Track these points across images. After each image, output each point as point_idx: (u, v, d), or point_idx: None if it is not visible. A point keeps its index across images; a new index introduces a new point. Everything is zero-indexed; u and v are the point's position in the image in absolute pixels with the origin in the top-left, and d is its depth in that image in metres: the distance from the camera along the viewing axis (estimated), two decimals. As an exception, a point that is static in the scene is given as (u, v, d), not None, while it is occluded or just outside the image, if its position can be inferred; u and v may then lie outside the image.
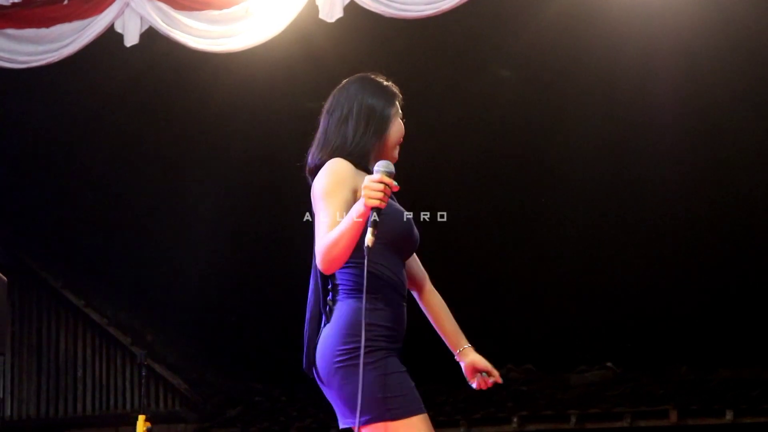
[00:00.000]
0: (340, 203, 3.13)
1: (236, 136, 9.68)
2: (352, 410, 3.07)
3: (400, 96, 3.37)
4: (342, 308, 3.15)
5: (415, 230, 3.27)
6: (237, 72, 8.28)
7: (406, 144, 3.34)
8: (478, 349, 3.48)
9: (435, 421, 10.75)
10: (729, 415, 8.81)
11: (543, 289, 10.26)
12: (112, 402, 11.47)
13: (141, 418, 5.84)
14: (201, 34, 6.45)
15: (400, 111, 3.35)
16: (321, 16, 6.09)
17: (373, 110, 3.27)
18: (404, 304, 3.24)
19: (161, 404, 11.28)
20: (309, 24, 6.26)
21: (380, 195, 2.96)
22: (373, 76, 3.37)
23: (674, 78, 8.69)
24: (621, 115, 9.21)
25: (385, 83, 3.36)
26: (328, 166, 3.19)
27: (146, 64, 8.48)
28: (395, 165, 3.09)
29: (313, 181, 3.24)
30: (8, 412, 11.57)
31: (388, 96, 3.32)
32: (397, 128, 3.31)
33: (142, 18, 6.44)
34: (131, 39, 6.49)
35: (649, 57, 8.52)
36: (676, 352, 9.80)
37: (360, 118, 3.25)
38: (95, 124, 10.30)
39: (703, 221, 9.63)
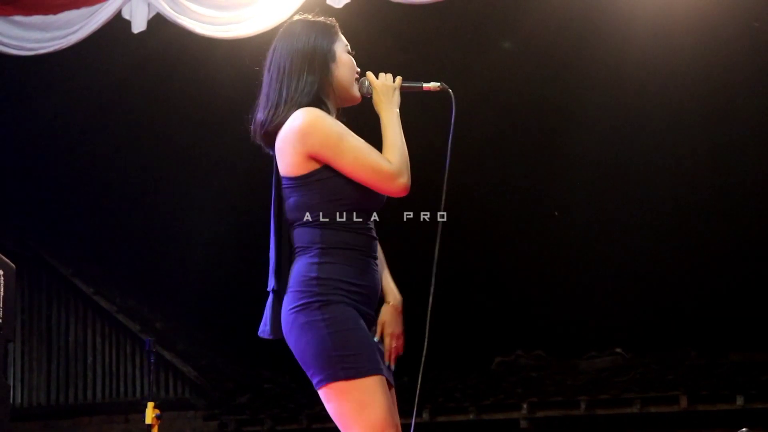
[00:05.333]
0: (351, 132, 3.03)
1: (243, 122, 9.66)
2: (308, 369, 2.95)
3: (336, 27, 3.21)
4: (295, 266, 3.01)
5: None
6: (244, 58, 8.26)
7: (414, 129, 3.27)
8: (489, 335, 3.42)
9: (444, 408, 10.70)
10: (739, 401, 8.77)
11: (552, 274, 10.25)
12: (121, 389, 11.50)
13: (150, 405, 5.83)
14: (208, 20, 6.43)
15: (344, 43, 3.19)
16: (328, 1, 6.06)
17: (313, 52, 3.11)
18: (371, 263, 3.05)
19: (171, 391, 11.30)
20: (316, 9, 6.23)
21: (389, 76, 3.11)
22: (302, 18, 3.22)
23: (684, 62, 8.66)
24: (631, 98, 9.18)
25: (317, 20, 3.20)
26: (306, 116, 2.99)
27: (153, 51, 8.46)
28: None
29: (272, 142, 3.08)
30: (18, 400, 11.60)
31: (324, 32, 3.15)
32: (344, 62, 3.14)
33: (149, 4, 6.42)
34: (139, 25, 6.46)
35: (659, 40, 8.48)
36: (686, 337, 9.79)
37: (302, 65, 3.08)
38: (103, 112, 10.30)
39: (712, 205, 9.61)
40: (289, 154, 3.01)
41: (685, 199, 9.69)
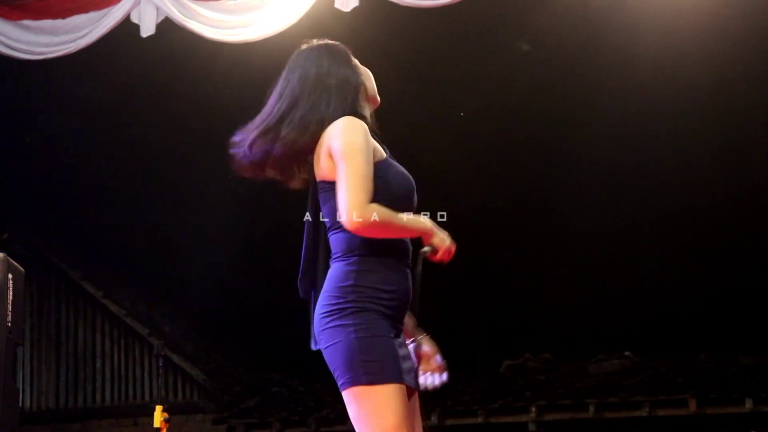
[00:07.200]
0: (369, 159, 3.08)
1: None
2: (335, 370, 3.05)
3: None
4: (331, 272, 3.11)
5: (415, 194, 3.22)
6: (252, 62, 8.28)
7: (422, 132, 3.27)
8: (498, 338, 3.42)
9: (453, 411, 10.68)
10: (749, 404, 8.76)
11: (561, 278, 10.24)
12: (130, 393, 11.51)
13: (159, 408, 5.84)
14: (217, 24, 6.45)
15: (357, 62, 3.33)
16: (337, 5, 6.08)
17: (346, 76, 3.24)
18: (405, 270, 3.15)
19: (179, 395, 11.31)
20: (325, 13, 6.24)
21: (444, 253, 3.15)
22: (321, 45, 3.34)
23: (693, 65, 8.65)
24: (639, 102, 9.18)
25: (334, 44, 3.34)
26: (348, 124, 3.11)
27: (162, 55, 8.48)
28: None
29: (304, 156, 3.20)
30: (27, 403, 11.62)
31: (346, 57, 3.30)
32: (365, 73, 3.31)
33: (158, 8, 6.44)
34: (147, 29, 6.49)
35: (667, 45, 8.48)
36: (695, 340, 9.77)
37: (338, 87, 3.22)
38: (111, 115, 10.32)
39: (723, 208, 9.59)
40: (324, 158, 3.12)
41: (694, 201, 9.67)
